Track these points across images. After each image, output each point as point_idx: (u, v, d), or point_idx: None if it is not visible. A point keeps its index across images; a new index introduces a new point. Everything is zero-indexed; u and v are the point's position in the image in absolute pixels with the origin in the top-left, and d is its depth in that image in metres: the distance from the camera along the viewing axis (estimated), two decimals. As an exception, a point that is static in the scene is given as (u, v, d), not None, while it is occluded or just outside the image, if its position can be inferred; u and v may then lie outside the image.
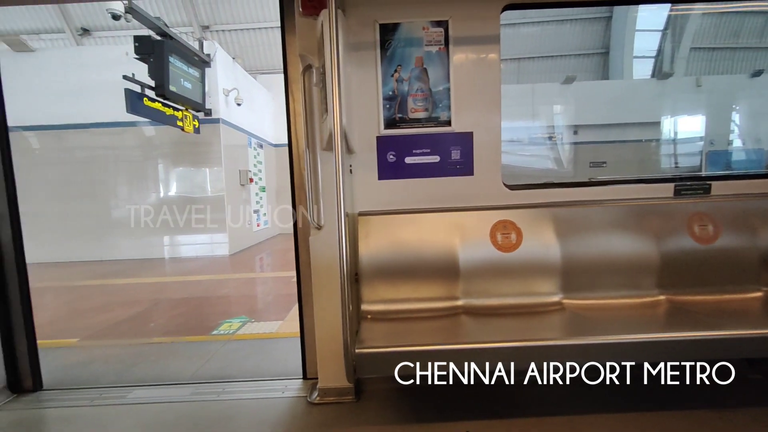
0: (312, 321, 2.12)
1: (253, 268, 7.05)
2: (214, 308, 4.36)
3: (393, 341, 1.60)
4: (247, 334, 3.37)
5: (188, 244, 8.43)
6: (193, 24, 11.02)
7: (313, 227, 2.00)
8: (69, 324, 3.93)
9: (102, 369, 2.73)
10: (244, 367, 2.64)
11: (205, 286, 5.55)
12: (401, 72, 1.97)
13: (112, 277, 6.37)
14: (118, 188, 8.39)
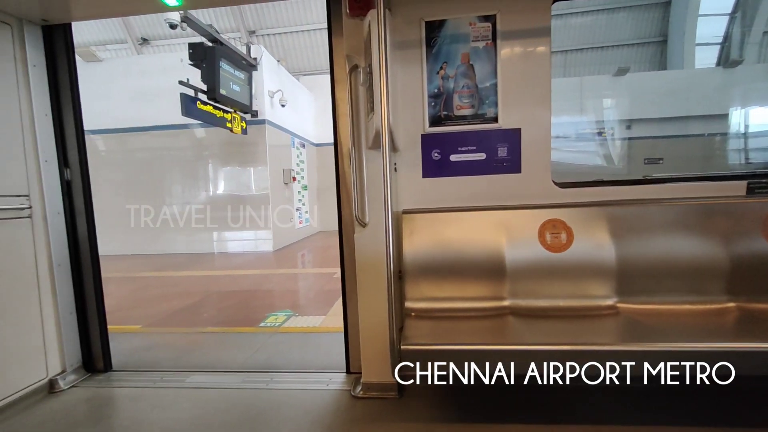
0: (356, 317, 2.16)
1: (295, 264, 7.28)
2: (261, 301, 4.56)
3: (438, 339, 1.59)
4: (292, 328, 3.49)
5: (235, 240, 8.85)
6: (241, 29, 11.53)
7: (358, 225, 2.04)
8: (133, 312, 4.26)
9: (162, 354, 2.94)
10: (289, 359, 2.74)
11: (251, 280, 5.81)
12: (447, 69, 1.95)
13: (168, 270, 6.83)
14: (172, 187, 8.96)
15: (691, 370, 1.43)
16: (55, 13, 2.22)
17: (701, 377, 1.42)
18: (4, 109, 2.11)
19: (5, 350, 2.07)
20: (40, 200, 2.27)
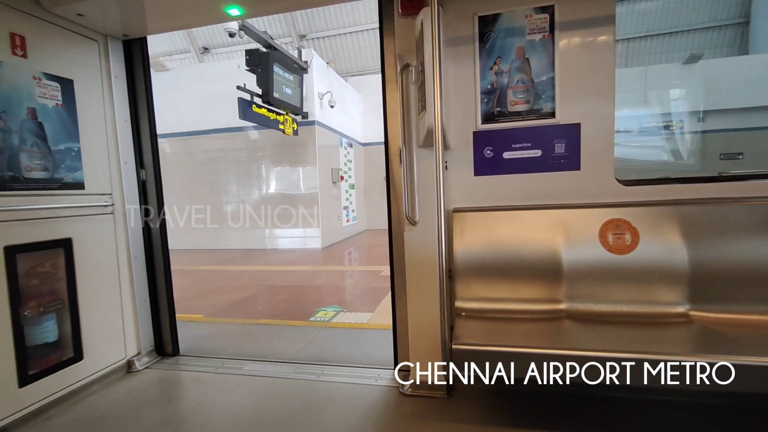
0: (404, 314, 2.18)
1: (342, 261, 7.44)
2: (311, 297, 4.72)
3: (490, 340, 1.56)
4: (341, 323, 3.58)
5: (285, 237, 9.22)
6: (292, 34, 11.97)
7: (408, 223, 2.05)
8: (195, 302, 4.59)
9: (222, 342, 3.14)
10: (338, 353, 2.82)
11: (301, 276, 6.03)
12: (500, 64, 1.90)
13: (225, 264, 7.28)
14: (228, 186, 9.52)
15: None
16: (134, 28, 2.44)
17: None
18: (94, 117, 2.36)
19: (95, 331, 2.32)
20: (121, 198, 2.52)
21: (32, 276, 2.04)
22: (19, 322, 1.95)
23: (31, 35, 2.04)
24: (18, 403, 1.94)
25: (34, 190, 2.03)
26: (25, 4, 2.01)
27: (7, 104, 1.92)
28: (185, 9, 2.22)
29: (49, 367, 2.09)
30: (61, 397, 2.13)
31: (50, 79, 2.12)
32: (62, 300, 2.17)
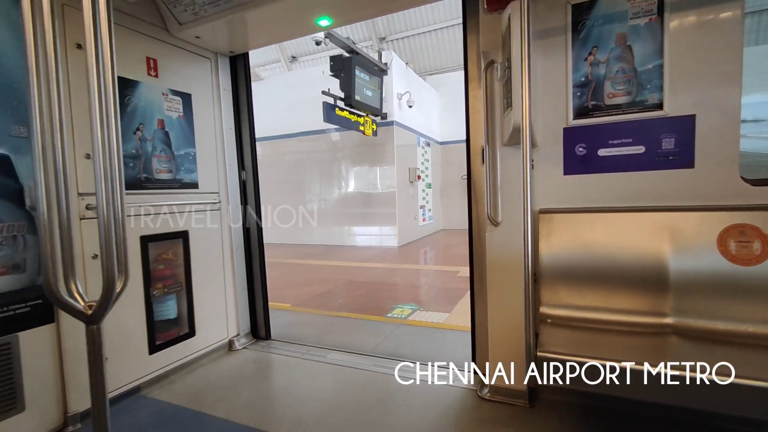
0: (484, 317, 2.13)
1: (418, 260, 7.48)
2: (388, 293, 4.84)
3: (580, 350, 1.46)
4: (417, 321, 3.61)
5: (363, 234, 9.55)
6: (373, 37, 12.31)
7: (490, 224, 2.00)
8: (284, 292, 5.00)
9: (307, 331, 3.38)
10: (415, 350, 2.85)
11: (378, 272, 6.20)
12: (597, 54, 1.76)
13: (309, 258, 7.78)
14: (312, 185, 10.15)
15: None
16: (239, 45, 2.74)
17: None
18: (206, 126, 2.71)
19: (205, 312, 2.66)
20: (225, 196, 2.85)
21: (159, 261, 2.41)
22: (150, 299, 2.33)
23: (161, 57, 2.41)
24: (148, 367, 2.31)
25: (161, 189, 2.39)
26: (157, 32, 2.38)
27: (144, 117, 2.29)
28: (281, 25, 2.42)
29: (170, 340, 2.45)
30: (178, 366, 2.48)
31: (174, 94, 2.48)
32: (181, 283, 2.53)
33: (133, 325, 2.24)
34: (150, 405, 2.13)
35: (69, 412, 1.91)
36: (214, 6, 2.21)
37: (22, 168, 1.77)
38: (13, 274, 1.75)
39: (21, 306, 1.77)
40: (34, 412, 1.80)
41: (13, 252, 1.75)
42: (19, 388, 1.76)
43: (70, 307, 1.10)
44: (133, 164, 2.23)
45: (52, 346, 1.87)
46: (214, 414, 2.01)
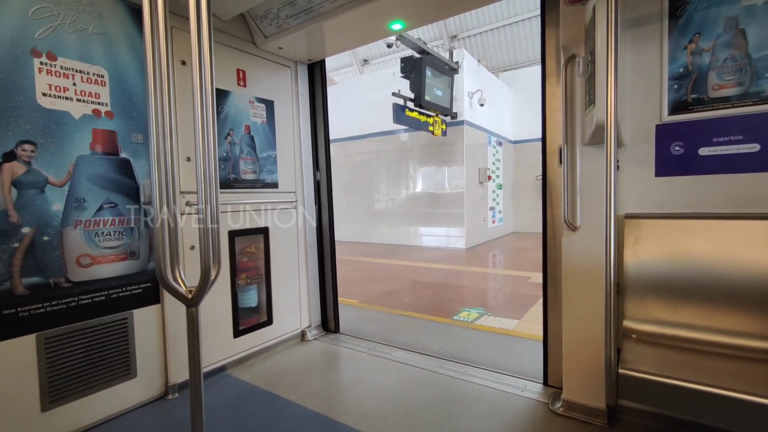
0: (558, 327, 2.01)
1: (487, 263, 7.25)
2: (454, 295, 4.77)
3: (671, 371, 1.32)
4: (484, 326, 3.52)
5: (429, 235, 9.51)
6: (444, 36, 12.17)
7: (567, 228, 1.88)
8: (351, 288, 5.18)
9: (374, 327, 3.47)
10: (481, 356, 2.78)
11: (444, 274, 6.14)
12: (699, 41, 1.57)
13: (376, 257, 7.96)
14: (380, 185, 10.35)
15: None
16: (316, 53, 2.90)
17: None
18: (285, 129, 2.91)
19: (281, 303, 2.87)
20: (302, 195, 3.03)
21: (243, 254, 2.65)
22: (235, 288, 2.57)
23: (249, 68, 2.64)
24: (232, 349, 2.56)
25: (246, 188, 2.63)
26: (246, 46, 2.62)
27: (234, 123, 2.54)
28: (356, 31, 2.52)
29: (251, 326, 2.68)
30: (257, 351, 2.71)
31: (259, 101, 2.71)
32: (261, 275, 2.75)
33: (221, 311, 2.50)
34: (234, 383, 2.36)
35: (169, 382, 2.19)
36: (296, 18, 2.38)
37: (138, 169, 2.07)
38: (131, 260, 2.06)
39: (135, 287, 2.08)
40: (143, 379, 2.10)
41: (131, 241, 2.06)
42: (132, 357, 2.06)
43: (175, 291, 1.27)
44: (223, 166, 2.48)
45: (157, 323, 2.16)
46: (287, 398, 2.17)
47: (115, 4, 1.98)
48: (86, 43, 1.88)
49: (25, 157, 1.70)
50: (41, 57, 1.74)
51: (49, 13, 1.76)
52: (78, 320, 1.87)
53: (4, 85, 1.64)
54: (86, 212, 1.88)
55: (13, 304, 1.68)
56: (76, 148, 1.85)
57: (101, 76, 1.94)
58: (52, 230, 1.78)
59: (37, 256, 1.74)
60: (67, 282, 1.84)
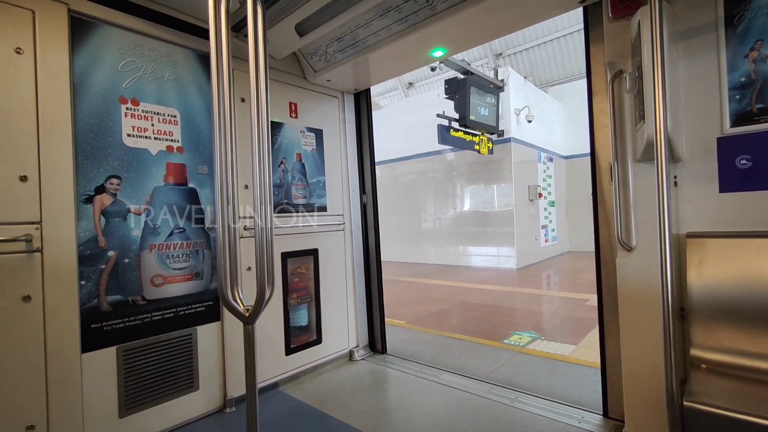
0: (617, 354, 1.89)
1: (540, 284, 6.92)
2: (504, 318, 4.60)
3: (744, 406, 1.19)
4: (537, 351, 3.35)
5: (479, 255, 9.28)
6: (488, 55, 12.18)
7: (622, 248, 1.79)
8: (398, 309, 5.18)
9: (421, 349, 3.44)
10: (534, 383, 2.65)
11: (494, 295, 5.94)
12: (762, 48, 1.47)
13: (423, 277, 7.90)
14: (426, 205, 10.35)
15: None
16: (361, 83, 3.06)
17: None
18: (333, 156, 3.07)
19: (329, 322, 2.96)
20: (348, 218, 3.15)
21: (295, 275, 2.78)
22: (287, 308, 2.70)
23: (300, 101, 2.85)
24: (284, 367, 2.66)
25: (298, 212, 2.78)
26: (297, 80, 2.84)
27: (287, 152, 2.73)
28: (399, 60, 2.64)
29: (302, 345, 2.78)
30: (307, 369, 2.79)
31: (309, 130, 2.90)
32: (311, 295, 2.87)
33: (274, 329, 2.63)
34: (285, 400, 2.45)
35: (227, 396, 2.33)
36: (342, 53, 2.54)
37: (203, 197, 2.29)
38: (195, 280, 2.25)
39: (199, 305, 2.26)
40: (204, 392, 2.25)
41: (196, 263, 2.26)
42: (196, 371, 2.22)
43: (234, 309, 1.38)
44: (277, 192, 2.66)
45: (218, 340, 2.33)
46: (336, 416, 2.21)
47: (187, 53, 2.26)
48: (163, 89, 2.16)
49: (113, 189, 1.95)
50: (127, 103, 2.02)
51: (135, 66, 2.05)
52: (151, 335, 2.07)
53: (98, 128, 1.92)
54: (159, 237, 2.11)
55: (99, 319, 1.90)
56: (153, 180, 2.10)
57: (174, 117, 2.20)
58: (131, 253, 2.01)
59: (119, 276, 1.97)
60: (143, 300, 2.05)
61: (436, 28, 2.18)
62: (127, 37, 2.03)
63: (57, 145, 1.77)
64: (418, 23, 2.18)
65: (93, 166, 1.90)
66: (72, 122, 1.82)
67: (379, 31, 2.31)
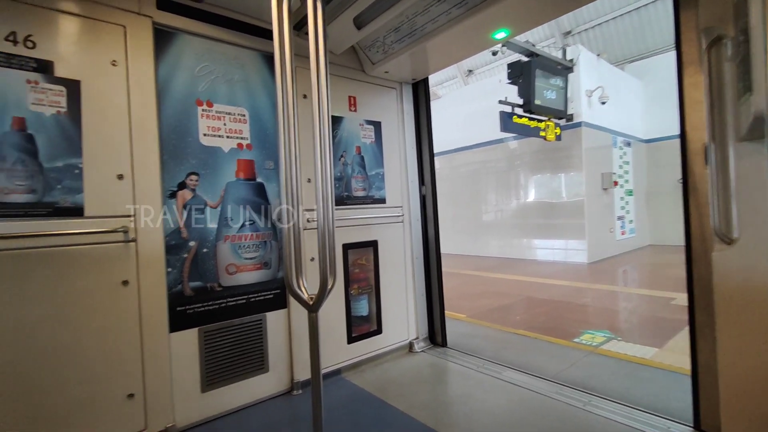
0: (712, 359, 1.68)
1: (615, 280, 6.38)
2: (574, 315, 4.31)
3: None
4: (613, 352, 3.10)
5: (544, 248, 8.78)
6: (555, 34, 11.35)
7: (720, 241, 1.57)
8: (459, 302, 5.09)
9: (482, 344, 3.35)
10: (610, 386, 2.45)
11: (563, 291, 5.59)
12: None
13: (484, 271, 7.67)
14: (488, 196, 10.00)
15: None
16: (419, 72, 3.01)
17: None
18: (392, 148, 3.07)
19: (389, 313, 2.99)
20: (408, 210, 3.13)
21: (355, 266, 2.84)
22: (348, 297, 2.77)
23: (359, 94, 2.87)
24: (346, 354, 2.75)
25: (357, 204, 2.83)
26: (356, 74, 2.86)
27: (346, 145, 2.78)
28: (458, 46, 2.54)
29: (363, 334, 2.84)
30: (368, 358, 2.85)
31: (368, 123, 2.92)
32: (371, 286, 2.91)
33: (337, 318, 2.71)
34: (347, 386, 2.53)
35: (294, 379, 2.46)
36: (400, 43, 2.51)
37: (270, 192, 2.41)
38: (264, 269, 2.39)
39: (267, 293, 2.40)
40: (273, 374, 2.40)
41: (264, 253, 2.39)
42: (266, 354, 2.37)
43: (299, 297, 1.44)
44: (338, 185, 2.72)
45: (285, 326, 2.46)
46: (396, 406, 2.23)
47: (254, 55, 2.38)
48: (233, 90, 2.30)
49: (192, 185, 2.13)
50: (202, 105, 2.18)
51: (209, 70, 2.21)
52: (226, 318, 2.24)
53: (179, 129, 2.10)
54: (232, 229, 2.27)
55: (183, 303, 2.10)
56: (226, 176, 2.25)
57: (243, 116, 2.33)
58: (209, 244, 2.19)
59: (199, 264, 2.15)
60: (219, 286, 2.23)
61: (499, 8, 2.06)
62: (202, 43, 2.19)
63: (146, 146, 1.97)
64: (479, 5, 2.08)
65: (176, 164, 2.09)
66: (157, 125, 2.02)
67: (438, 16, 2.24)
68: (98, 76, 1.86)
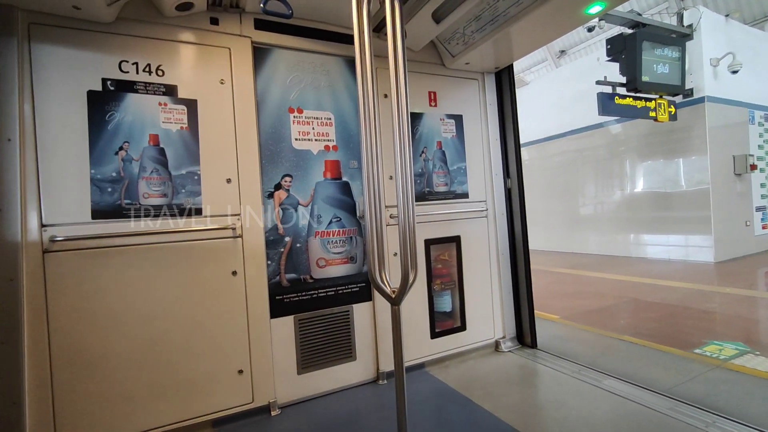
0: None
1: (754, 283, 5.34)
2: (695, 323, 3.73)
3: None
4: (747, 368, 2.61)
5: (656, 244, 7.70)
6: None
7: None
8: (551, 302, 4.75)
9: (579, 348, 3.09)
10: (742, 408, 2.08)
11: (681, 294, 4.86)
12: None
13: (580, 269, 7.03)
14: (585, 187, 9.09)
15: None
16: (503, 60, 2.87)
17: None
18: (474, 140, 2.98)
19: (473, 310, 2.92)
20: (492, 204, 3.02)
21: (438, 261, 2.84)
22: (431, 293, 2.78)
23: (439, 89, 2.85)
24: (430, 349, 2.76)
25: (439, 200, 2.82)
26: (435, 69, 2.84)
27: (427, 141, 2.78)
28: (546, 28, 2.37)
29: (446, 330, 2.83)
30: (451, 354, 2.83)
31: (449, 117, 2.88)
32: (454, 282, 2.88)
33: (420, 313, 2.74)
34: (431, 380, 2.54)
35: (380, 369, 2.56)
36: (481, 31, 2.43)
37: (354, 189, 2.53)
38: (350, 263, 2.53)
39: (354, 286, 2.53)
40: (360, 362, 2.52)
41: (350, 248, 2.53)
42: (353, 343, 2.51)
43: (382, 290, 1.49)
44: (419, 181, 2.74)
45: (370, 318, 2.57)
46: (482, 405, 2.18)
47: (338, 60, 2.51)
48: (320, 95, 2.46)
49: (287, 186, 2.35)
50: (294, 112, 2.38)
51: (299, 79, 2.40)
52: (318, 308, 2.42)
53: (276, 135, 2.32)
54: (322, 225, 2.44)
55: (281, 293, 2.33)
56: (315, 176, 2.43)
57: (329, 119, 2.48)
58: (301, 239, 2.38)
59: (293, 258, 2.36)
60: (311, 279, 2.41)
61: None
62: (291, 55, 2.38)
63: (249, 152, 2.22)
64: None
65: (272, 167, 2.31)
66: (257, 133, 2.26)
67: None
68: (210, 94, 2.14)
